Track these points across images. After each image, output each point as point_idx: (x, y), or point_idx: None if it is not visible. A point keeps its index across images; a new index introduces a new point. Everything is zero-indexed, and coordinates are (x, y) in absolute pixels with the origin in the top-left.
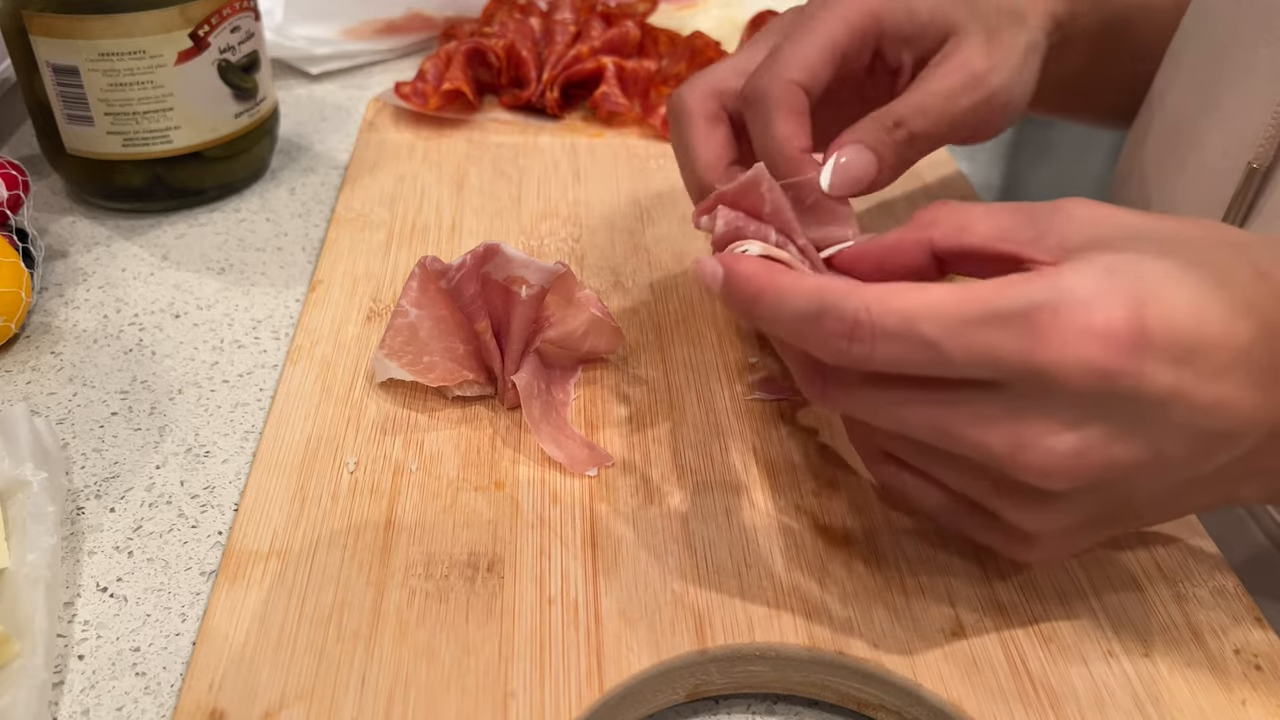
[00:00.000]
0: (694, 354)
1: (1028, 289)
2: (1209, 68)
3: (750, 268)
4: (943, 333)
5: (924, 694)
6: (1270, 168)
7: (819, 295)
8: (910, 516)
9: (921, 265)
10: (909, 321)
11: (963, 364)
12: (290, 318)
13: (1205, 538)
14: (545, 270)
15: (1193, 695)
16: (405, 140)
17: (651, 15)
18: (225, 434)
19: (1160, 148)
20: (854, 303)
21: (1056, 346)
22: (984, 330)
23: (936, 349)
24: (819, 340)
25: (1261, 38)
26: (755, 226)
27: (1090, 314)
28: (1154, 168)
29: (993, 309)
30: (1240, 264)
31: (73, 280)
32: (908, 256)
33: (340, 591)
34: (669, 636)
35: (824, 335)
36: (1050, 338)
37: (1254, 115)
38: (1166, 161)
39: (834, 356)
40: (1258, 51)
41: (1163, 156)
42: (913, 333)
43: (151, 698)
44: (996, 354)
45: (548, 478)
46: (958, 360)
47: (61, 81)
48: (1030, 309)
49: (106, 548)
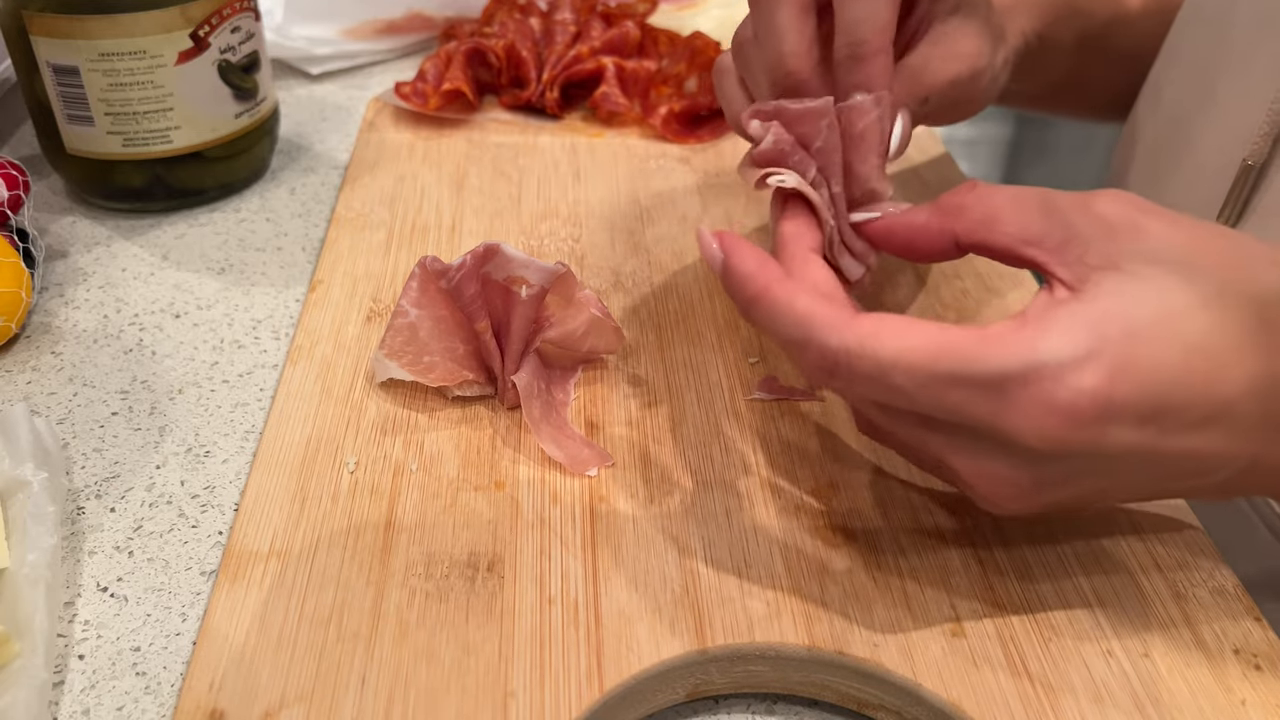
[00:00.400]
0: (694, 354)
1: (1003, 356)
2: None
3: (750, 266)
4: (915, 386)
5: (924, 694)
6: (1265, 164)
7: (806, 323)
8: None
9: (944, 250)
10: (884, 371)
11: (929, 411)
12: (290, 318)
13: (1205, 537)
14: (545, 270)
15: (1192, 695)
16: (405, 140)
17: (651, 15)
18: (225, 434)
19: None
20: (836, 342)
21: (1020, 417)
22: (953, 390)
23: (908, 398)
24: (802, 364)
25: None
26: (800, 157)
27: (1057, 389)
28: (1149, 163)
29: (965, 371)
30: (1248, 314)
31: (73, 280)
32: (933, 241)
33: (340, 592)
34: (669, 636)
35: (806, 363)
36: (1015, 409)
37: (1249, 112)
38: (1162, 157)
39: (815, 381)
40: (1253, 48)
41: (1158, 152)
42: (887, 381)
43: (152, 697)
44: (963, 411)
45: (548, 478)
46: (927, 409)
47: (62, 81)
48: (1002, 379)
49: (107, 547)
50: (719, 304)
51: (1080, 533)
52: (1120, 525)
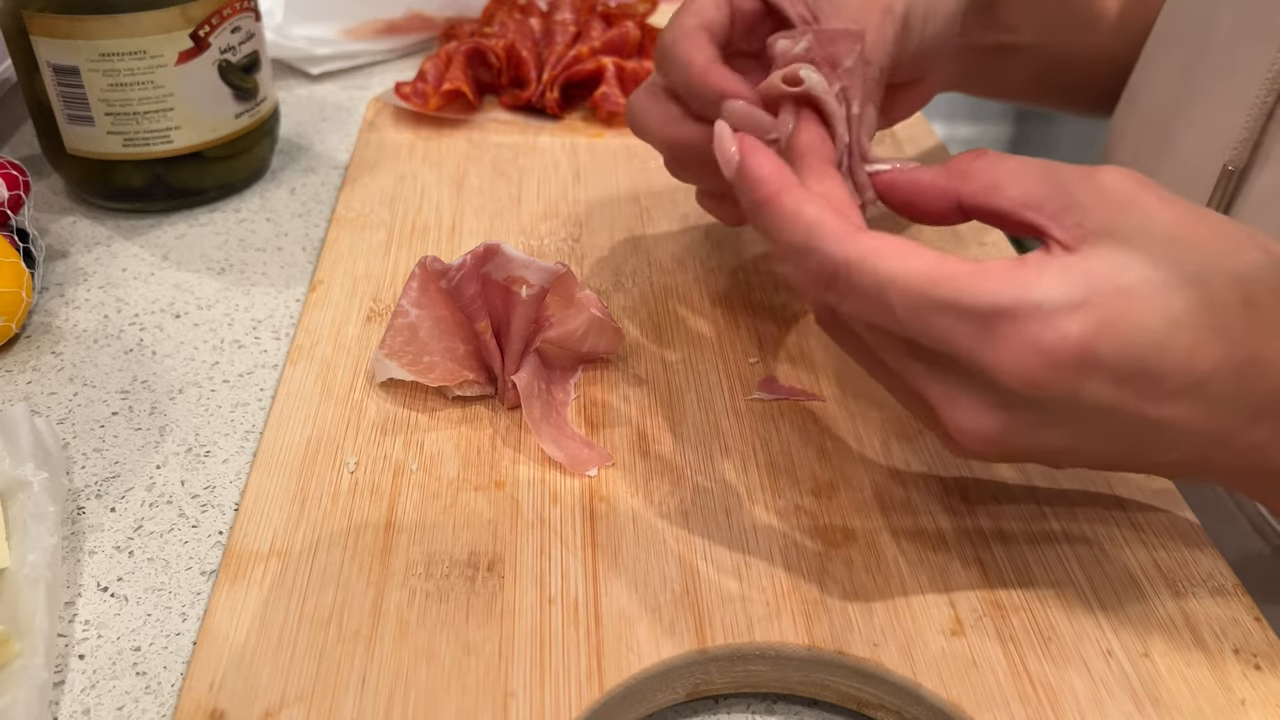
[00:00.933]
0: (694, 354)
1: (996, 290)
2: (1183, 69)
3: (765, 170)
4: (906, 307)
5: (924, 694)
6: (1245, 169)
7: (811, 230)
8: None
9: (946, 211)
10: (880, 288)
11: (916, 335)
12: (290, 318)
13: (1204, 537)
14: (545, 270)
15: (1192, 695)
16: (405, 140)
17: (651, 15)
18: (226, 434)
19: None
20: (838, 252)
21: (1001, 352)
22: (942, 316)
23: (896, 318)
24: (800, 273)
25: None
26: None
27: (1044, 330)
28: (1132, 165)
29: (956, 300)
30: (1232, 292)
31: (73, 280)
32: (936, 202)
33: (340, 591)
34: (669, 636)
35: (804, 271)
36: (998, 344)
37: (1229, 117)
38: (1146, 158)
39: (808, 291)
40: (1233, 54)
41: (1142, 153)
42: (880, 298)
43: (152, 697)
44: (946, 338)
45: (548, 478)
46: (912, 332)
47: (62, 81)
48: (992, 312)
49: (107, 547)
50: (719, 304)
51: (1080, 533)
52: (1120, 525)
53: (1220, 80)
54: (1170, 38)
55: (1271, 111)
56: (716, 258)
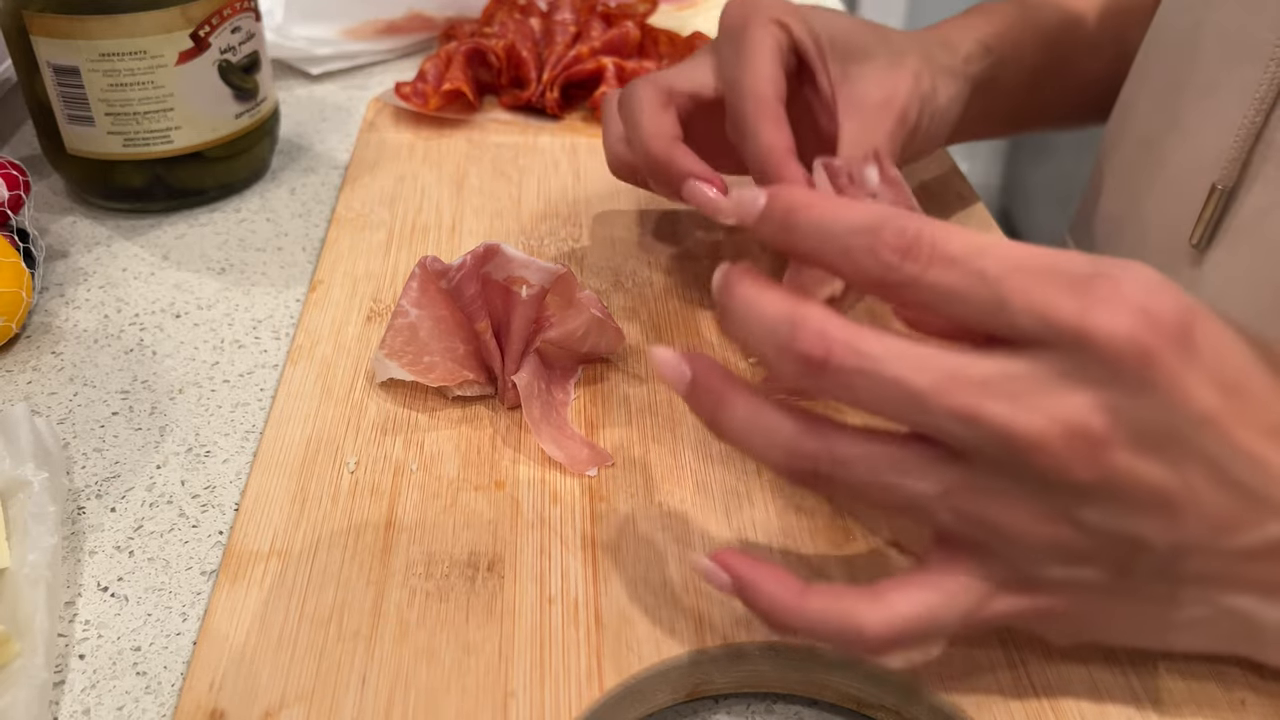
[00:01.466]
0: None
1: (1094, 259)
2: (1172, 87)
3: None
4: (1004, 271)
5: (924, 694)
6: (1234, 189)
7: (879, 211)
8: None
9: None
10: (974, 252)
11: (1015, 309)
12: (290, 318)
13: None
14: (545, 270)
15: (1192, 695)
16: (405, 140)
17: (651, 15)
18: (226, 434)
19: (1129, 162)
20: (917, 222)
21: (1110, 314)
22: (1044, 281)
23: (993, 286)
24: (870, 252)
25: (1224, 60)
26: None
27: (1148, 294)
28: (1124, 181)
29: (1058, 265)
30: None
31: (73, 280)
32: None
33: (340, 591)
34: (669, 636)
35: (879, 246)
36: (1106, 305)
37: (1217, 136)
38: (1136, 176)
39: (879, 271)
40: (1220, 74)
41: (1133, 170)
42: (974, 263)
43: (152, 697)
44: (1050, 308)
45: (548, 478)
46: (1012, 304)
47: (62, 82)
48: (1094, 275)
49: (107, 547)
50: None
51: None
52: None
53: (1207, 100)
54: (1158, 56)
55: (1260, 132)
56: (717, 258)
